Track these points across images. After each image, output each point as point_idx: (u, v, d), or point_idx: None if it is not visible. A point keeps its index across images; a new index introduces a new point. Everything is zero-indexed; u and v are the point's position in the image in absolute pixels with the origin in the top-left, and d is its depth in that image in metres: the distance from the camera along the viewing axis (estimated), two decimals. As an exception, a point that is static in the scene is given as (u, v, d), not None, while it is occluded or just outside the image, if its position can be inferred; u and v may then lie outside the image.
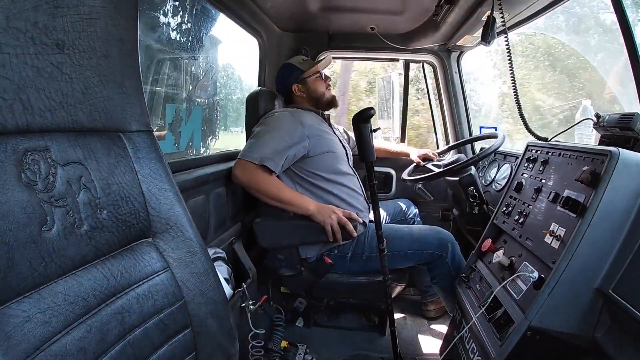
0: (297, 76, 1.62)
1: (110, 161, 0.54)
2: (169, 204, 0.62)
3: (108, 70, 0.54)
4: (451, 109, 2.08)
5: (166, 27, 1.48)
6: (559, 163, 1.06)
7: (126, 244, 0.56)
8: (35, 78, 0.45)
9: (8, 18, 0.42)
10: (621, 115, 1.00)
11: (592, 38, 3.64)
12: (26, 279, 0.42)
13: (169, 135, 1.52)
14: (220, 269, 1.20)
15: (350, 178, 1.56)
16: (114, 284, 0.52)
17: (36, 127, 0.45)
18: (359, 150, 1.25)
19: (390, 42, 1.95)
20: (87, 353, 0.46)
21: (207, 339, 0.66)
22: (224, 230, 1.45)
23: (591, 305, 0.83)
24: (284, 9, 1.74)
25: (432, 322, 1.84)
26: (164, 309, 0.59)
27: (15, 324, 0.40)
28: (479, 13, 1.39)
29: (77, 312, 0.46)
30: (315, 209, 1.38)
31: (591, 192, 0.86)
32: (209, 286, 0.66)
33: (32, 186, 0.44)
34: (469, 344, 1.12)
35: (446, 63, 2.03)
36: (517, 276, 1.00)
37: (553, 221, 0.95)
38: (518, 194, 1.21)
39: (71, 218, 0.47)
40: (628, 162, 0.83)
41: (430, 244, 1.46)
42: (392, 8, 1.69)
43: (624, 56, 0.96)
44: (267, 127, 1.45)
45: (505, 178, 1.55)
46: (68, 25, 0.48)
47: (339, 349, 1.61)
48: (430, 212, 2.06)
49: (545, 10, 1.41)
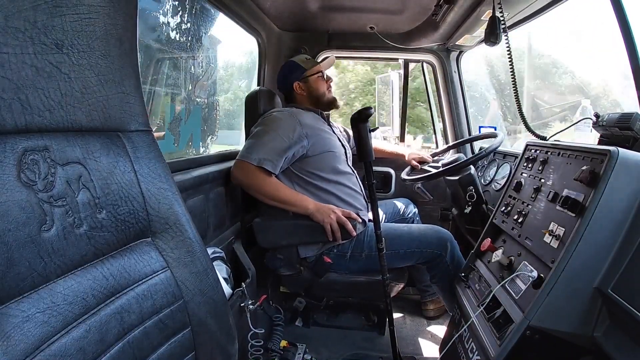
0: (300, 74, 1.62)
1: (109, 161, 0.54)
2: (168, 204, 0.62)
3: (107, 69, 0.54)
4: (450, 109, 2.08)
5: (165, 26, 1.47)
6: (558, 163, 1.06)
7: (125, 243, 0.56)
8: (34, 78, 0.45)
9: (7, 18, 0.42)
10: (620, 115, 1.00)
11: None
12: (25, 278, 0.42)
13: (168, 135, 1.52)
14: (220, 269, 1.20)
15: (350, 177, 1.56)
16: (114, 284, 0.52)
17: (35, 126, 0.45)
18: (358, 149, 1.25)
19: (389, 42, 1.95)
20: (86, 353, 0.46)
21: (206, 339, 0.66)
22: (223, 229, 1.45)
23: (590, 305, 0.83)
24: (284, 8, 1.74)
25: (431, 321, 1.84)
26: (164, 309, 0.59)
27: (14, 324, 0.40)
28: (479, 12, 1.39)
29: (77, 312, 0.46)
30: (315, 208, 1.38)
31: (590, 191, 0.86)
32: (209, 286, 0.66)
33: (32, 186, 0.44)
34: (468, 343, 1.12)
35: (445, 63, 2.03)
36: (516, 276, 1.00)
37: (552, 221, 0.95)
38: (517, 194, 1.21)
39: (70, 218, 0.47)
40: (627, 162, 0.83)
41: (430, 243, 1.46)
42: (391, 7, 1.69)
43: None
44: (266, 127, 1.45)
45: (505, 177, 1.55)
46: (67, 25, 0.47)
47: (339, 348, 1.62)
48: (430, 211, 2.06)
49: (544, 10, 1.41)
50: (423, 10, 1.68)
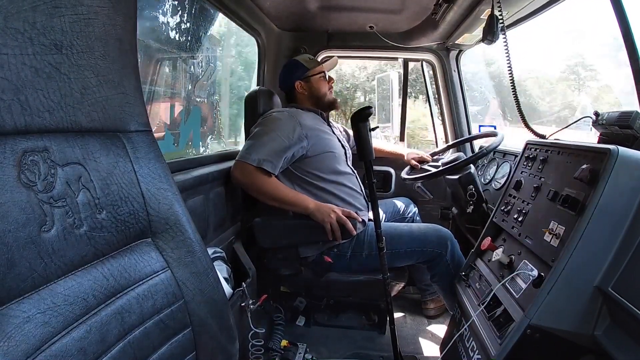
0: (302, 73, 1.62)
1: (109, 161, 0.54)
2: (168, 204, 0.62)
3: (106, 70, 0.54)
4: (450, 108, 2.08)
5: (165, 26, 1.47)
6: (558, 161, 1.06)
7: (125, 244, 0.56)
8: (33, 78, 0.44)
9: (6, 18, 0.41)
10: (620, 114, 1.00)
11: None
12: (26, 279, 0.42)
13: (168, 135, 1.52)
14: (220, 269, 1.20)
15: (350, 177, 1.56)
16: (114, 284, 0.52)
17: (35, 127, 0.45)
18: (358, 149, 1.25)
19: (389, 41, 1.95)
20: (87, 353, 0.46)
21: (207, 339, 0.66)
22: (223, 229, 1.45)
23: (590, 304, 0.83)
24: (283, 8, 1.74)
25: (431, 320, 1.84)
26: (164, 309, 0.59)
27: (15, 325, 0.40)
28: (478, 11, 1.38)
29: (77, 313, 0.46)
30: (315, 207, 1.38)
31: (590, 190, 0.86)
32: (209, 286, 0.66)
33: (32, 187, 0.44)
34: (468, 342, 1.12)
35: (445, 62, 2.03)
36: (517, 274, 1.00)
37: (552, 219, 0.95)
38: (517, 193, 1.21)
39: (70, 218, 0.47)
40: (627, 160, 0.83)
41: (430, 242, 1.46)
42: (391, 7, 1.68)
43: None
44: (265, 127, 1.45)
45: (505, 176, 1.55)
46: (66, 26, 0.47)
47: (339, 347, 1.62)
48: (430, 210, 2.07)
49: (543, 9, 1.41)
50: (422, 10, 1.68)
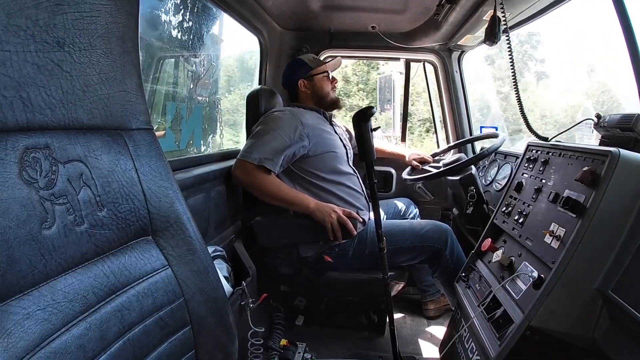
0: (305, 72, 1.63)
1: (110, 159, 0.54)
2: (169, 202, 0.62)
3: (108, 68, 0.54)
4: (452, 109, 2.07)
5: (167, 25, 1.48)
6: (559, 163, 1.06)
7: (126, 241, 0.56)
8: (35, 75, 0.45)
9: (9, 16, 0.42)
10: (622, 116, 1.00)
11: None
12: (26, 276, 0.42)
13: (169, 134, 1.52)
14: (220, 267, 1.20)
15: (351, 177, 1.56)
16: (114, 282, 0.52)
17: (36, 124, 0.45)
18: (359, 149, 1.25)
19: (391, 41, 1.95)
20: (86, 350, 0.46)
21: (206, 337, 0.66)
22: (224, 228, 1.45)
23: (590, 306, 0.83)
24: (285, 7, 1.74)
25: (431, 321, 1.84)
26: (164, 307, 0.59)
27: (15, 321, 0.40)
28: (481, 12, 1.38)
29: (77, 310, 0.46)
30: (315, 207, 1.38)
31: (591, 192, 0.85)
32: (209, 284, 0.66)
33: (33, 184, 0.44)
34: (468, 343, 1.12)
35: (447, 62, 2.03)
36: (517, 276, 1.00)
37: (553, 221, 0.95)
38: (518, 194, 1.21)
39: (71, 216, 0.48)
40: (628, 163, 0.83)
41: (430, 237, 1.47)
42: (393, 7, 1.68)
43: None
44: (267, 126, 1.45)
45: (506, 178, 1.55)
46: (68, 23, 0.47)
47: (339, 347, 1.62)
48: (431, 211, 2.06)
49: (547, 10, 1.40)
50: (425, 10, 1.67)
